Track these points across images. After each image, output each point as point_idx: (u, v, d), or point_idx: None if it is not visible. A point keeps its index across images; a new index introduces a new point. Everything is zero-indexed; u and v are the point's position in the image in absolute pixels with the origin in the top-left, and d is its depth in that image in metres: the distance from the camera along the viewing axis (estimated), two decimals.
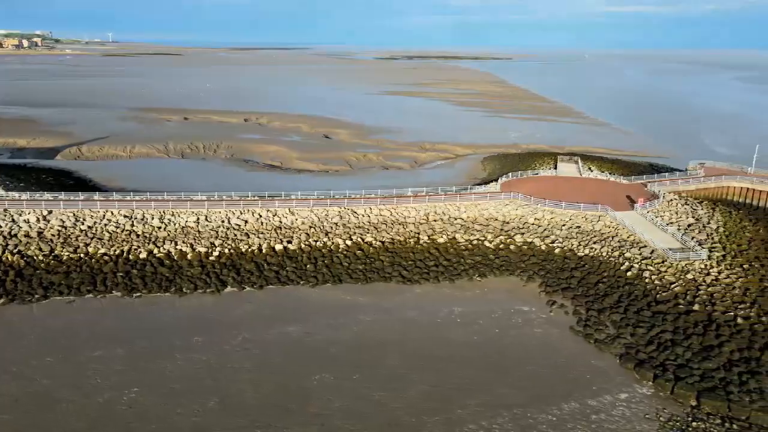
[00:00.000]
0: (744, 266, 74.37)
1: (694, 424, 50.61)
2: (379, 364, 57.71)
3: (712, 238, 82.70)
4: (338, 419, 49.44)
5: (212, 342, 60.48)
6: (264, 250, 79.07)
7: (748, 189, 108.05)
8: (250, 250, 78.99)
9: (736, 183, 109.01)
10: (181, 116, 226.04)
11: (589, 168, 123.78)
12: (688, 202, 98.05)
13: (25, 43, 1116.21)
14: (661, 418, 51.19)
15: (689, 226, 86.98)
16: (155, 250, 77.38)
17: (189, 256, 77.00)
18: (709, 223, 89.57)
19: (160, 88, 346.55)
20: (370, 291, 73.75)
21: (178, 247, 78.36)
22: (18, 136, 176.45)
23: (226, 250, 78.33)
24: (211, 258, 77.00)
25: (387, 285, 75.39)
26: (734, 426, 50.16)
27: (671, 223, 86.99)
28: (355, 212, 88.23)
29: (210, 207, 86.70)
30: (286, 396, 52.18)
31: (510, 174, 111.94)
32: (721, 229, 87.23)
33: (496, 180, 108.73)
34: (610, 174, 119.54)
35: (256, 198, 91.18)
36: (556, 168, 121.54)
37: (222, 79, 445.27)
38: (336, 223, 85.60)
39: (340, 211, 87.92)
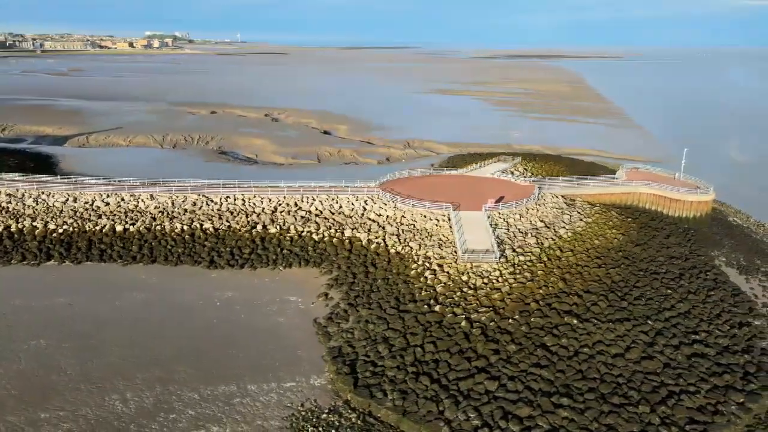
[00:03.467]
0: (538, 273, 70.92)
1: (324, 416, 50.98)
2: (95, 335, 62.14)
3: (541, 243, 78.98)
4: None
5: None
6: (104, 230, 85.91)
7: (658, 196, 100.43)
8: (93, 229, 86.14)
9: (645, 189, 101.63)
10: (209, 110, 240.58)
11: (515, 169, 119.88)
12: (564, 205, 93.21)
13: (156, 43, 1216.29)
14: (299, 408, 51.95)
15: (532, 228, 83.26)
16: (12, 225, 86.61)
17: (37, 232, 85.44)
18: (563, 227, 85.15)
19: (225, 84, 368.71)
20: (171, 272, 78.36)
21: (34, 223, 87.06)
22: (50, 125, 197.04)
23: (71, 228, 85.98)
24: (54, 234, 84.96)
25: (192, 268, 79.57)
26: (359, 422, 50.00)
27: (512, 225, 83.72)
28: (211, 200, 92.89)
29: (82, 189, 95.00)
30: None
31: (407, 171, 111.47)
32: (567, 235, 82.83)
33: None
34: (532, 176, 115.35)
35: (135, 183, 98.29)
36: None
37: (296, 77, 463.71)
38: (186, 209, 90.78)
39: (196, 199, 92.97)
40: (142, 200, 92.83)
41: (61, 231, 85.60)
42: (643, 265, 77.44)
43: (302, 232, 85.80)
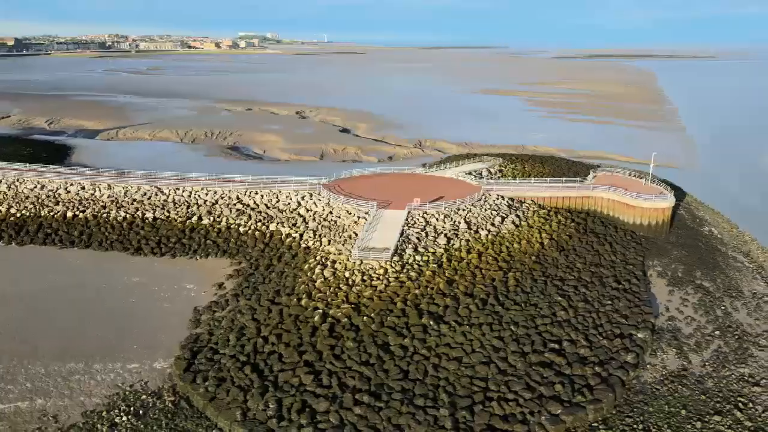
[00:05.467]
0: (426, 273, 69.97)
1: (144, 397, 53.21)
2: None
3: (451, 244, 77.65)
4: None
5: None
6: (56, 216, 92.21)
7: (615, 201, 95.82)
8: (47, 215, 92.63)
9: (604, 194, 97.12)
10: (245, 107, 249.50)
11: (488, 169, 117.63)
12: (506, 207, 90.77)
13: (242, 44, 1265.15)
14: (126, 389, 54.39)
15: (452, 229, 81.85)
16: None
17: None
18: (488, 229, 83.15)
19: (276, 82, 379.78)
20: (98, 257, 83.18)
21: None
22: (92, 119, 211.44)
23: (27, 213, 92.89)
24: (11, 218, 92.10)
25: (118, 254, 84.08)
26: (171, 405, 51.99)
27: (432, 225, 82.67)
28: (161, 191, 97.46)
29: (51, 177, 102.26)
30: None
31: (366, 170, 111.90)
32: (487, 237, 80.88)
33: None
34: (502, 177, 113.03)
35: (101, 173, 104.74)
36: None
37: (354, 76, 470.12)
38: (135, 199, 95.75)
39: (147, 190, 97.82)
40: (99, 189, 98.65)
41: (18, 215, 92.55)
42: (551, 271, 74.58)
43: (232, 224, 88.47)
